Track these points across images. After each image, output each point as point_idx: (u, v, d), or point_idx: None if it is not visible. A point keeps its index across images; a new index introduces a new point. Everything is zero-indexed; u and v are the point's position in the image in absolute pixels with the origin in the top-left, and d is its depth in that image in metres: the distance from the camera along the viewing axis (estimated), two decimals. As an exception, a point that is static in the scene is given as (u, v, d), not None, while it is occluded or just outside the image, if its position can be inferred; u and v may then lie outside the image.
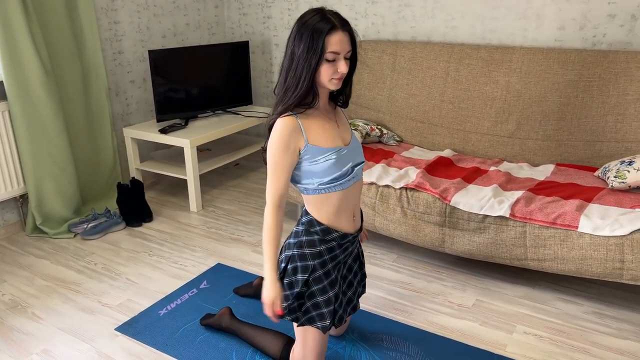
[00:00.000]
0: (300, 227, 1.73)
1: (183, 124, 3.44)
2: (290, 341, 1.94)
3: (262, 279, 2.35)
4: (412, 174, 2.61)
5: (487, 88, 2.99)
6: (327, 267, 1.71)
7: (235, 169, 4.02)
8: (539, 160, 2.86)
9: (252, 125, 3.64)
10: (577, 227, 2.13)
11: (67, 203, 3.07)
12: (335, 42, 1.52)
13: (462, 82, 3.06)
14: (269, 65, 4.09)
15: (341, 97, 1.74)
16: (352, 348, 2.03)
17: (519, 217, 2.24)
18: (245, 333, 2.05)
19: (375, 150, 3.04)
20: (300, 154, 1.61)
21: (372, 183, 2.60)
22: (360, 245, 1.94)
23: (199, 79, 3.54)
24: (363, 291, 1.96)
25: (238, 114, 3.72)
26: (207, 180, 3.80)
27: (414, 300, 2.33)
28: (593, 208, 2.21)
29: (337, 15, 1.55)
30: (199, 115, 3.64)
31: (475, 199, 2.36)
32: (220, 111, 3.75)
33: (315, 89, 1.60)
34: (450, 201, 2.39)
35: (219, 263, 2.67)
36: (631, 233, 2.04)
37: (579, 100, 2.76)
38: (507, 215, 2.26)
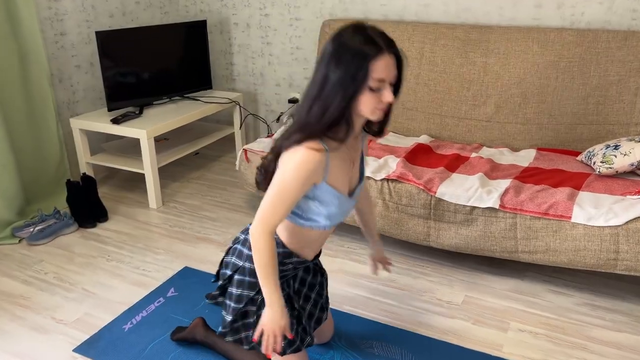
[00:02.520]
0: None
1: (137, 112, 3.14)
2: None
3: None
4: (392, 164, 2.46)
5: (464, 70, 2.85)
6: None
7: (195, 159, 3.76)
8: (518, 144, 2.76)
9: (213, 111, 3.38)
10: (570, 218, 2.04)
11: (9, 204, 2.75)
12: (382, 68, 1.29)
13: (438, 64, 2.91)
14: (228, 46, 3.81)
15: (376, 124, 1.52)
16: (340, 358, 1.87)
17: (509, 208, 2.13)
18: (223, 347, 1.85)
19: (349, 137, 2.86)
20: (312, 187, 1.43)
21: (350, 175, 2.42)
22: (321, 267, 1.82)
23: (153, 63, 3.24)
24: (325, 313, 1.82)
25: (197, 100, 3.44)
26: (166, 173, 3.52)
27: (401, 299, 2.19)
28: (584, 196, 2.12)
29: (382, 35, 1.32)
30: (154, 103, 3.34)
31: (461, 190, 2.23)
32: (177, 97, 3.46)
33: (350, 120, 1.36)
34: (435, 192, 2.25)
35: (186, 267, 2.44)
36: (626, 223, 1.96)
37: (559, 81, 2.66)
38: (497, 207, 2.14)
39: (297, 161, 1.34)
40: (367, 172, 2.39)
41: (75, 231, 2.79)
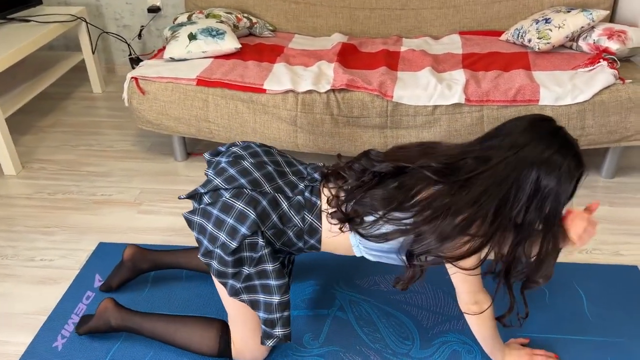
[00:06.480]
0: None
1: (-52, 48, 2.23)
2: (225, 325, 1.41)
3: (132, 246, 1.65)
4: (329, 71, 2.09)
5: (369, -49, 2.50)
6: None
7: (38, 102, 2.90)
8: (437, 31, 2.57)
9: (56, 34, 2.58)
10: (538, 101, 1.94)
11: None
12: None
13: (339, -54, 2.51)
14: (46, -56, 2.88)
15: None
16: (352, 307, 1.60)
17: (475, 101, 1.96)
18: (155, 331, 1.42)
19: (255, 45, 2.39)
20: None
21: (289, 91, 2.01)
22: None
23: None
24: None
25: (29, 21, 2.57)
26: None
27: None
28: (541, 76, 2.03)
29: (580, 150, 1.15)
30: (-34, 31, 2.42)
31: (420, 89, 1.99)
32: (-1, 20, 2.55)
33: None
34: (392, 97, 1.98)
35: (101, 242, 1.88)
36: (592, 97, 1.93)
37: (471, -44, 2.48)
38: (463, 102, 1.95)
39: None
40: (309, 86, 2.00)
41: None
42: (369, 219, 1.21)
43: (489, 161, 1.13)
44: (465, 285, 1.25)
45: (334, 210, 1.26)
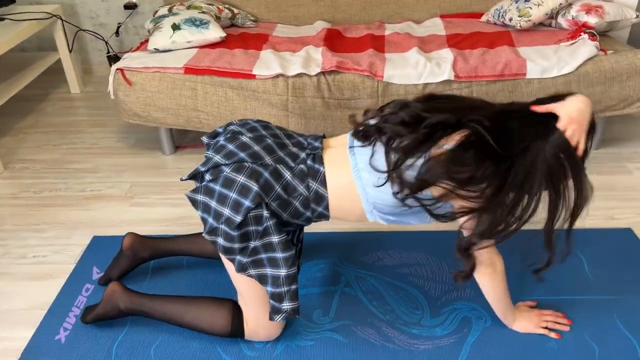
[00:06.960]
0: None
1: None
2: (237, 305, 1.39)
3: (132, 234, 1.61)
4: (316, 55, 2.10)
5: (348, -62, 2.52)
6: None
7: (13, 104, 2.82)
8: (418, 15, 2.60)
9: (31, 32, 2.51)
10: (525, 74, 1.98)
11: None
12: None
13: None
14: (15, -57, 2.80)
15: None
16: (359, 282, 1.60)
17: (464, 77, 1.99)
18: (166, 312, 1.40)
19: (239, 35, 2.37)
20: None
21: (278, 75, 2.01)
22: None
23: None
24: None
25: (2, 19, 2.50)
26: (-20, 128, 2.59)
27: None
28: (526, 51, 2.07)
29: None
30: (-62, 31, 2.33)
31: (410, 69, 2.00)
32: (-30, 20, 2.47)
33: None
34: (382, 77, 1.99)
35: (95, 236, 1.83)
36: (577, 68, 1.98)
37: (448, -59, 2.52)
38: (452, 78, 1.98)
39: None
40: (299, 70, 2.00)
41: None
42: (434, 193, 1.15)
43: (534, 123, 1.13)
44: (486, 249, 1.26)
45: (399, 182, 1.15)
